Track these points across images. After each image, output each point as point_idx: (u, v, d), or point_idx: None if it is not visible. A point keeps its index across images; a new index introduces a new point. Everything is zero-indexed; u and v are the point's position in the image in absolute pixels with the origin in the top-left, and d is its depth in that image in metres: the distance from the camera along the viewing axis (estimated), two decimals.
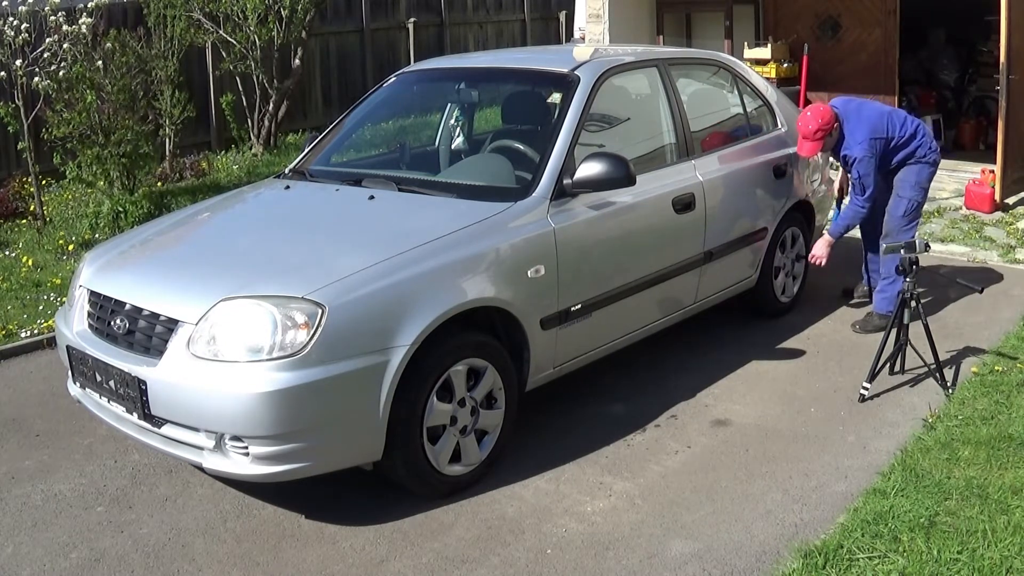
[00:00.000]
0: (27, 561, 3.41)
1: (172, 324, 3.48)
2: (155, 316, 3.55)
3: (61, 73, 7.55)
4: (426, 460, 3.61)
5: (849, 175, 5.41)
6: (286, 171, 5.00)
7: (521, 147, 4.58)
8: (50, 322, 5.65)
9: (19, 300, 6.14)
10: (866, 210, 5.25)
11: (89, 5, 7.89)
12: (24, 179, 8.69)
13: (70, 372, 3.98)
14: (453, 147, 5.28)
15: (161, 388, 3.42)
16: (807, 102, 9.31)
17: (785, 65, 9.72)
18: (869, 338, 5.31)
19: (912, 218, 5.36)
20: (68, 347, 3.87)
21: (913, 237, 5.24)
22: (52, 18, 7.58)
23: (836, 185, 5.88)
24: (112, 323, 3.68)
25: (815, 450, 4.07)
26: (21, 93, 7.55)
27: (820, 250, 5.34)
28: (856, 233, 5.69)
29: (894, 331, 4.60)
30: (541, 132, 4.51)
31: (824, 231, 5.46)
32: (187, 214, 4.72)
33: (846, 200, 5.54)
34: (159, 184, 9.04)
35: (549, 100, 4.81)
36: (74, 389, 3.99)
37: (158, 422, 3.48)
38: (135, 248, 4.24)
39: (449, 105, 5.43)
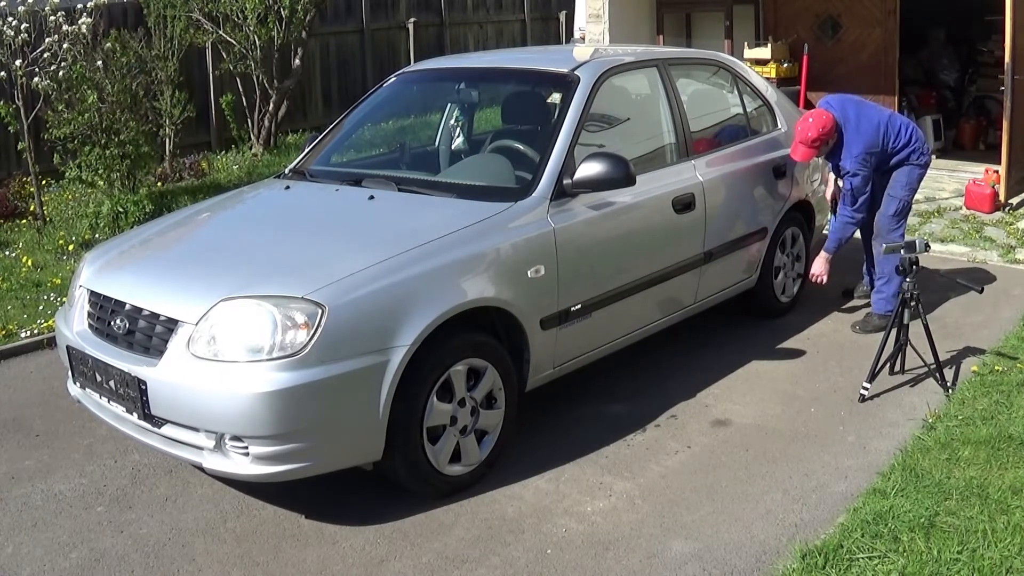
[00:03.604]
0: (27, 561, 3.41)
1: (172, 324, 3.48)
2: (155, 316, 3.55)
3: (61, 73, 7.56)
4: (426, 460, 3.61)
5: (840, 183, 5.40)
6: (286, 171, 5.00)
7: (521, 147, 4.58)
8: (50, 322, 5.65)
9: (19, 300, 6.14)
10: (856, 221, 5.25)
11: (89, 5, 7.89)
12: (24, 179, 8.69)
13: (70, 372, 3.98)
14: (453, 147, 5.28)
15: (161, 388, 3.42)
16: (807, 102, 9.32)
17: (785, 65, 9.72)
18: (869, 338, 5.31)
19: (901, 217, 5.40)
20: (68, 347, 3.87)
21: (902, 236, 5.36)
22: (52, 18, 7.58)
23: (829, 191, 5.82)
24: (112, 323, 3.68)
25: (815, 450, 4.07)
26: (21, 93, 7.55)
27: (819, 267, 5.32)
28: (857, 232, 5.67)
29: (894, 331, 4.60)
30: (541, 132, 4.51)
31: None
32: (187, 214, 4.72)
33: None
34: (159, 184, 9.04)
35: (549, 100, 4.81)
36: (74, 389, 3.99)
37: (158, 422, 3.48)
38: (135, 248, 4.24)
39: (449, 105, 5.43)
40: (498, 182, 4.29)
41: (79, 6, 7.92)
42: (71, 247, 7.19)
